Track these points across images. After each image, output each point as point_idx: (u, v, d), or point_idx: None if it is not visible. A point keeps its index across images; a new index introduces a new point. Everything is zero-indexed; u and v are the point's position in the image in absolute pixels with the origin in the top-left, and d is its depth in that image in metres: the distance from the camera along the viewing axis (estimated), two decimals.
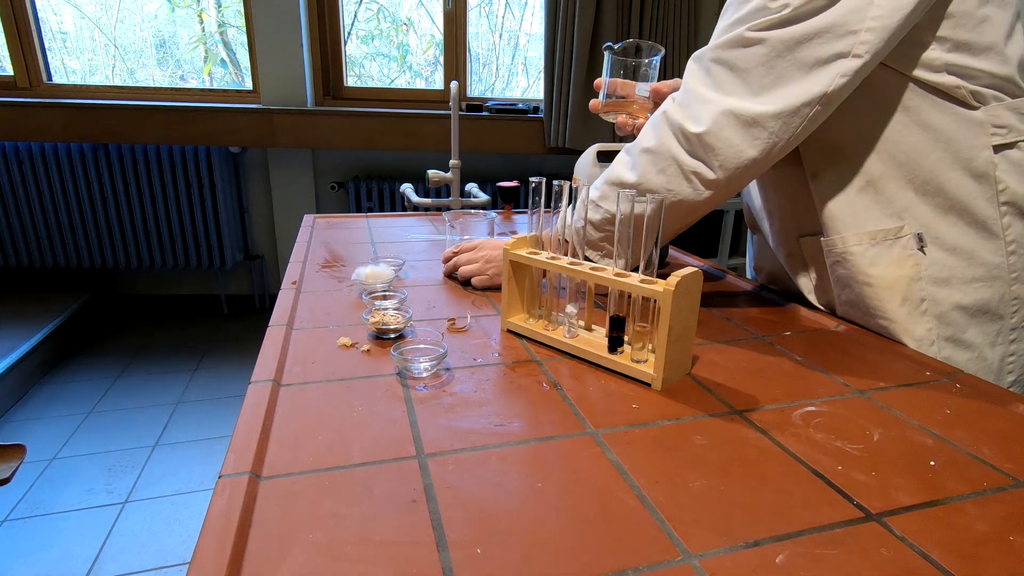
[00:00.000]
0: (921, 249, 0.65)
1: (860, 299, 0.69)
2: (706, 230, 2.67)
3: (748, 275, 0.99)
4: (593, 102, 0.82)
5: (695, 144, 0.65)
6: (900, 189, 0.66)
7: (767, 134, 0.62)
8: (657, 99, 0.80)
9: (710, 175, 0.65)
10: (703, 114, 0.64)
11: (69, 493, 1.60)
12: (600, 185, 0.73)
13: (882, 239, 0.66)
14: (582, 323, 0.66)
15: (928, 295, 0.65)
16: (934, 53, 0.61)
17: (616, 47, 0.77)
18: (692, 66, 0.68)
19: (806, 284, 0.79)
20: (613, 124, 0.83)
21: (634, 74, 0.78)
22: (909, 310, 0.66)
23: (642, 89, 0.78)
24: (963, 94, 0.62)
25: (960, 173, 0.63)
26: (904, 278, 0.66)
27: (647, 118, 0.81)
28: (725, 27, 0.65)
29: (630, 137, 0.80)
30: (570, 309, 0.63)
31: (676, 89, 0.80)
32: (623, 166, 0.71)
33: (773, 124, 0.62)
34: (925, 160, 0.64)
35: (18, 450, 1.31)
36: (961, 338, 0.65)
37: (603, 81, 0.80)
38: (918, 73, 0.62)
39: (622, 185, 0.70)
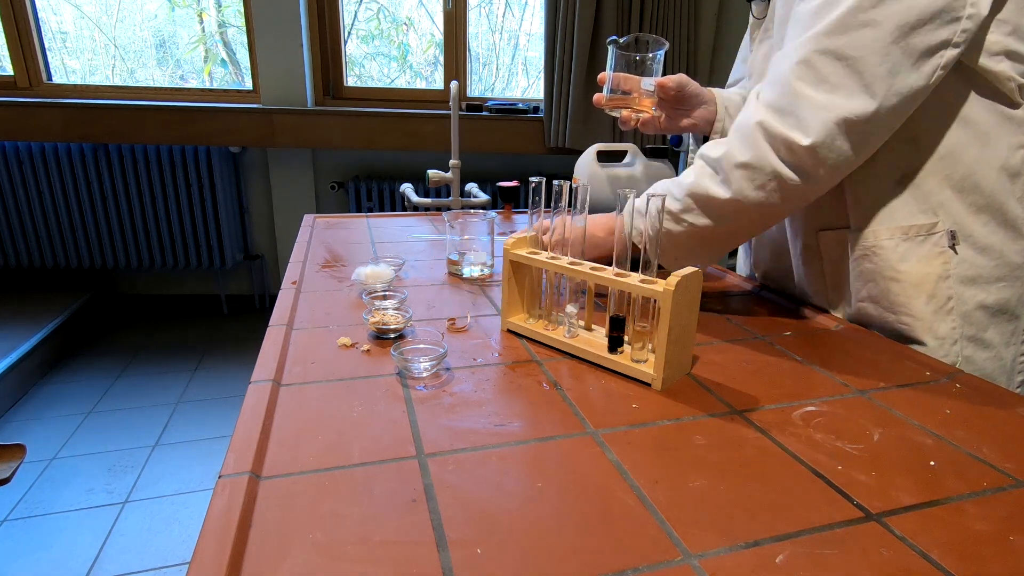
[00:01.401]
0: (952, 247, 0.64)
1: (884, 295, 0.68)
2: None
3: (739, 271, 0.99)
4: (597, 96, 0.79)
5: (802, 157, 0.59)
6: (937, 185, 0.64)
7: (877, 137, 0.59)
8: (662, 94, 0.78)
9: (813, 185, 0.61)
10: (812, 123, 0.58)
11: (69, 493, 1.60)
12: (681, 196, 0.67)
13: (915, 235, 0.65)
14: (582, 323, 0.66)
15: (955, 293, 0.65)
16: (994, 36, 0.58)
17: (620, 41, 0.76)
18: (787, 63, 0.60)
19: (813, 281, 0.77)
20: (615, 119, 0.82)
21: (638, 69, 0.77)
22: (935, 308, 0.65)
23: (647, 84, 0.77)
24: (1011, 88, 0.60)
25: (997, 171, 0.62)
26: (932, 275, 0.65)
27: (652, 113, 0.79)
28: (815, 9, 0.58)
29: (631, 133, 0.78)
30: (570, 309, 0.63)
31: (681, 85, 0.78)
32: (710, 180, 0.66)
33: (885, 122, 0.58)
34: (964, 156, 0.62)
35: (18, 450, 1.31)
36: (982, 337, 0.65)
37: (607, 76, 0.78)
38: (982, 62, 0.59)
39: (710, 200, 0.65)
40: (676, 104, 0.81)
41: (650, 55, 0.76)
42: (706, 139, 0.86)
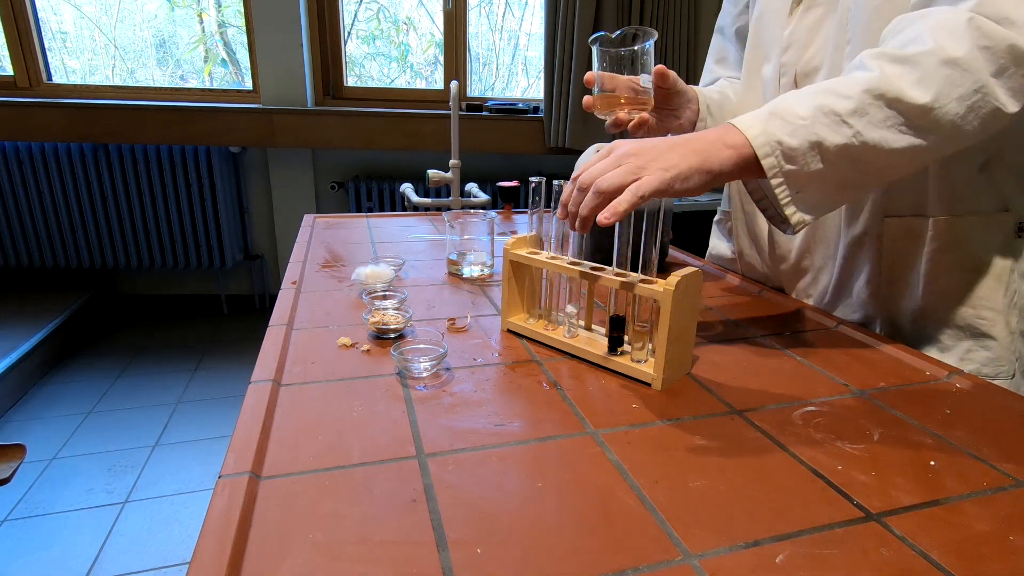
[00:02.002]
0: (1019, 235, 0.63)
1: (963, 287, 0.64)
2: (706, 230, 2.66)
3: (707, 256, 0.99)
4: (587, 100, 0.72)
5: None
6: (1008, 174, 0.62)
7: None
8: (662, 82, 0.71)
9: (1005, 120, 0.51)
10: None
11: (69, 493, 1.60)
12: (854, 93, 0.51)
13: (996, 225, 0.63)
14: (582, 323, 0.66)
15: (1019, 288, 0.64)
16: None
17: (611, 37, 0.69)
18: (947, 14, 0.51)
19: (853, 273, 0.71)
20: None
21: (631, 65, 0.69)
22: (1008, 301, 0.64)
23: (645, 81, 0.69)
24: None
25: None
26: (1007, 267, 0.64)
27: (651, 106, 0.70)
28: None
29: (622, 135, 0.71)
30: (570, 309, 0.63)
31: (675, 77, 0.71)
32: (904, 79, 0.50)
33: None
34: None
35: (18, 450, 1.31)
36: None
37: (594, 75, 0.71)
38: None
39: (898, 103, 0.51)
40: (666, 103, 0.75)
41: (637, 48, 0.68)
42: None
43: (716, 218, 1.02)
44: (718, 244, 1.00)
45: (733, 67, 0.89)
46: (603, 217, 0.51)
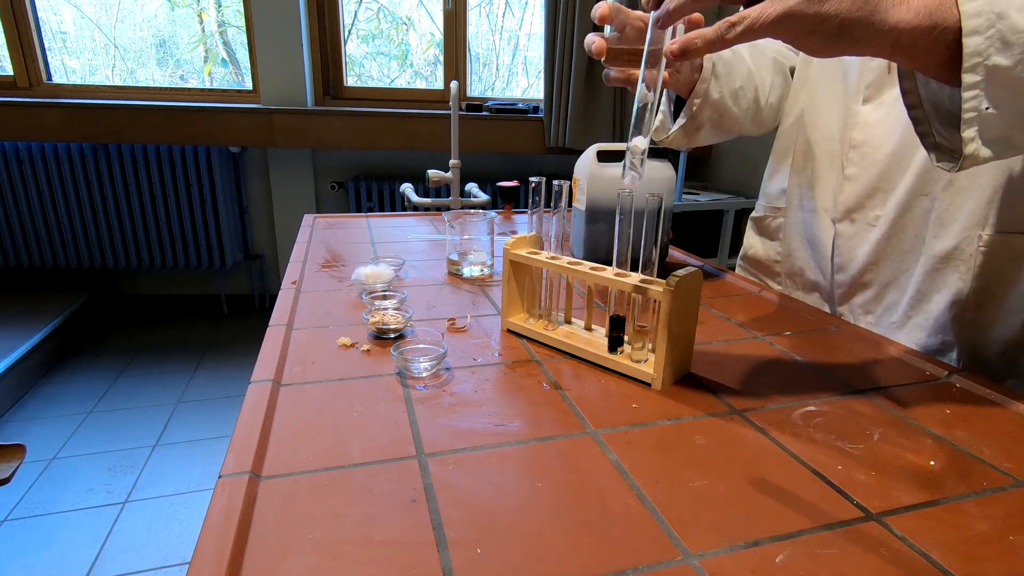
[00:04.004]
0: None
1: None
2: (706, 230, 2.67)
3: (731, 266, 0.94)
4: (599, 44, 0.56)
5: None
6: None
7: None
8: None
9: None
10: None
11: (69, 493, 1.60)
12: None
13: None
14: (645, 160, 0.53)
15: None
16: None
17: None
18: None
19: (926, 295, 0.63)
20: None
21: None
22: None
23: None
24: None
25: None
26: None
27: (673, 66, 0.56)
28: None
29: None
30: (638, 142, 0.49)
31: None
32: None
33: None
34: None
35: (18, 450, 1.31)
36: None
37: (617, 7, 0.55)
38: None
39: None
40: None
41: None
42: (680, 102, 0.72)
43: (756, 215, 0.92)
44: (756, 243, 0.91)
45: None
46: (684, 43, 0.40)
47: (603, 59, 0.58)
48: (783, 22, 0.38)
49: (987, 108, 0.39)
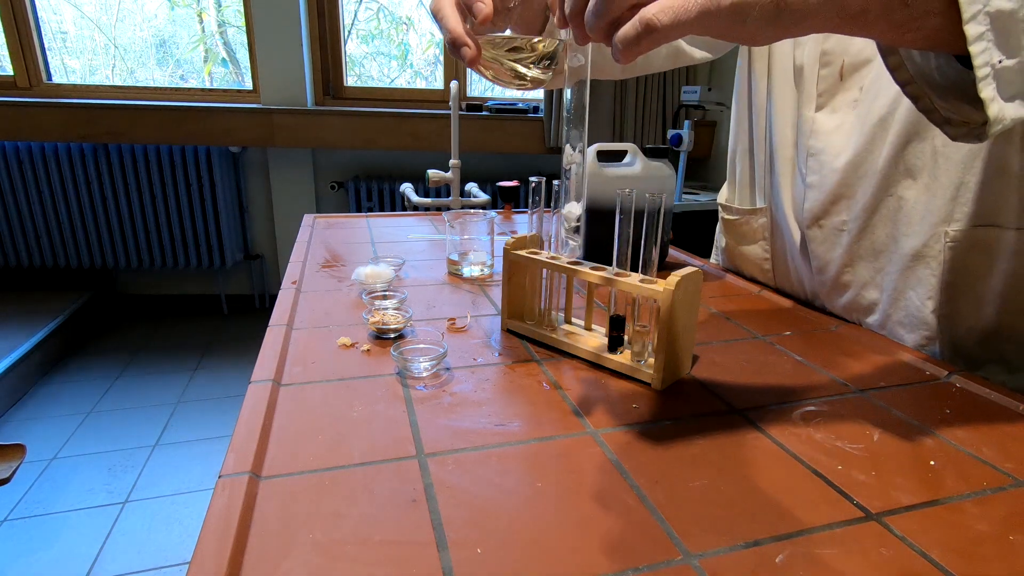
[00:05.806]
0: None
1: None
2: (706, 230, 2.67)
3: (716, 260, 0.96)
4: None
5: None
6: None
7: None
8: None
9: None
10: None
11: (69, 493, 1.60)
12: None
13: None
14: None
15: None
16: None
17: None
18: None
19: (902, 292, 0.63)
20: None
21: None
22: None
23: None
24: None
25: None
26: None
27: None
28: None
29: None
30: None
31: None
32: None
33: None
34: None
35: (18, 450, 1.31)
36: None
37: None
38: None
39: None
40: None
41: None
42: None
43: (728, 217, 0.92)
44: (750, 249, 0.89)
45: None
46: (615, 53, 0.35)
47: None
48: (703, 20, 0.33)
49: (1000, 61, 0.35)
